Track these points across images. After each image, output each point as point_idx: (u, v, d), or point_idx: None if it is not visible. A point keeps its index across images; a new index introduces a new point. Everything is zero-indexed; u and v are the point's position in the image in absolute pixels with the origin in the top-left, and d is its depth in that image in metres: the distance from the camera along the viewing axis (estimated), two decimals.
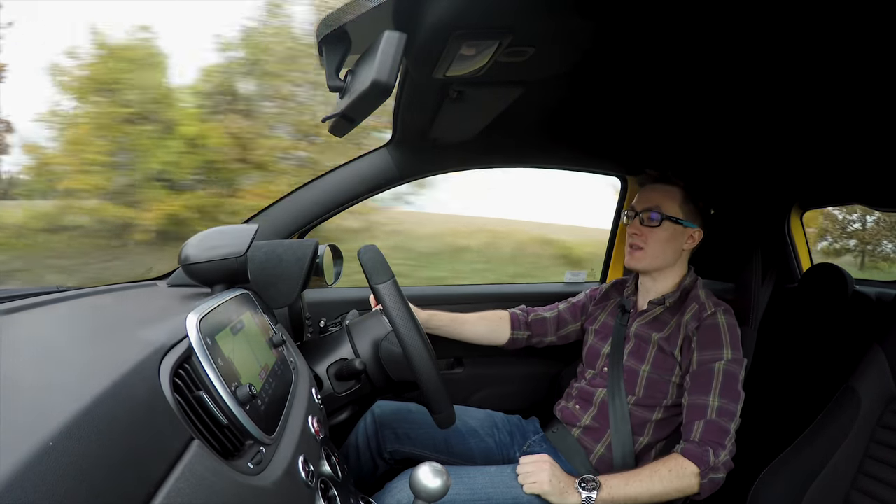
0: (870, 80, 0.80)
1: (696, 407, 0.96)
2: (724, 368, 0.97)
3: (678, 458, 0.92)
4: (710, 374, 0.97)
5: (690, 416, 0.96)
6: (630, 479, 0.91)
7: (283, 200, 1.25)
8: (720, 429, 0.92)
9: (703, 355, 1.00)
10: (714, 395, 0.95)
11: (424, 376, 0.81)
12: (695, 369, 0.99)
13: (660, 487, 0.90)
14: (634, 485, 0.90)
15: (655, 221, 1.08)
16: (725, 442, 0.92)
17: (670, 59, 0.80)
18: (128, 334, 0.53)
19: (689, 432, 0.94)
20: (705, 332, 1.02)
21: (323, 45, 0.61)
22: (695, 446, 0.92)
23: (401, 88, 0.93)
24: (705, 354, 0.99)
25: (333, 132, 0.75)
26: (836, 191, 1.56)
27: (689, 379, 1.00)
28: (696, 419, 0.94)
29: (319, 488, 0.59)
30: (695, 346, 1.01)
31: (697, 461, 0.90)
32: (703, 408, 0.95)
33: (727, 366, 0.97)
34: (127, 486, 0.32)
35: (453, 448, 1.14)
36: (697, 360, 1.00)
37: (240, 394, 0.51)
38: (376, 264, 0.83)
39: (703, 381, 0.97)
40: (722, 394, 0.95)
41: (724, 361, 0.97)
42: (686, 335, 1.04)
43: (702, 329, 1.02)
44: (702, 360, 0.99)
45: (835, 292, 1.44)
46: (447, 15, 0.59)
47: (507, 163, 1.49)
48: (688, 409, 0.97)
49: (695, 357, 1.00)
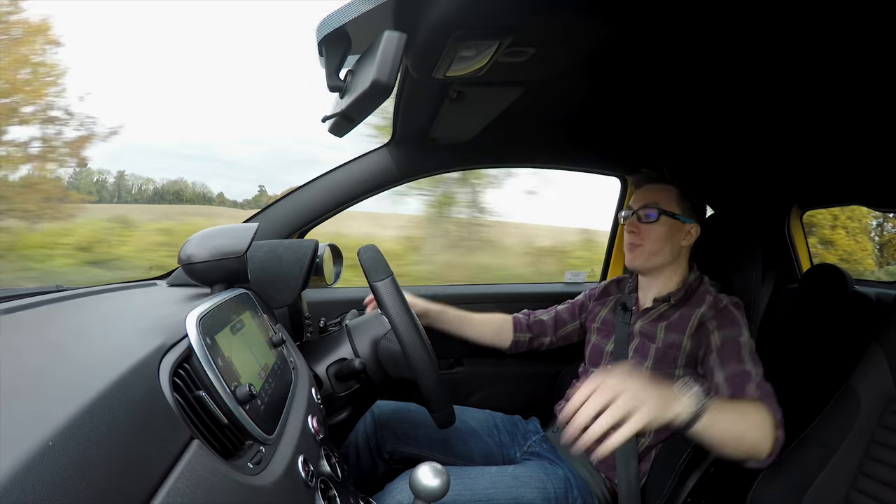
0: (870, 80, 0.80)
1: (738, 375, 0.92)
2: (748, 343, 0.95)
3: (758, 403, 0.84)
4: (738, 346, 0.95)
5: (739, 384, 0.90)
6: (737, 407, 0.81)
7: (283, 200, 1.25)
8: (768, 390, 0.89)
9: (724, 332, 0.97)
10: (748, 363, 0.92)
11: (423, 375, 0.81)
12: (719, 346, 0.97)
13: (754, 425, 0.79)
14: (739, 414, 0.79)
15: (653, 218, 1.08)
16: (776, 406, 0.87)
17: (670, 60, 0.80)
18: (127, 334, 0.53)
19: (742, 393, 0.89)
20: (722, 315, 1.00)
21: (323, 45, 0.61)
22: (762, 398, 0.87)
23: (401, 88, 0.93)
24: (727, 332, 0.97)
25: (333, 132, 0.75)
26: (836, 191, 1.56)
27: (715, 357, 0.96)
28: (746, 383, 0.90)
29: (319, 488, 0.59)
30: (713, 327, 0.99)
31: (773, 412, 0.84)
32: (747, 374, 0.91)
33: (749, 342, 0.96)
34: (127, 486, 0.32)
35: (453, 448, 1.14)
36: (721, 338, 0.97)
37: (239, 393, 0.51)
38: (375, 262, 0.83)
39: (733, 354, 0.94)
40: (754, 363, 0.92)
41: (745, 337, 0.96)
42: (702, 322, 1.02)
43: (718, 314, 1.01)
44: (725, 336, 0.97)
45: (835, 292, 1.44)
46: (447, 15, 0.59)
47: (507, 163, 1.49)
48: (728, 381, 0.92)
49: (716, 336, 0.98)
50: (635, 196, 1.14)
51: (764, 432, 0.80)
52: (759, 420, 0.81)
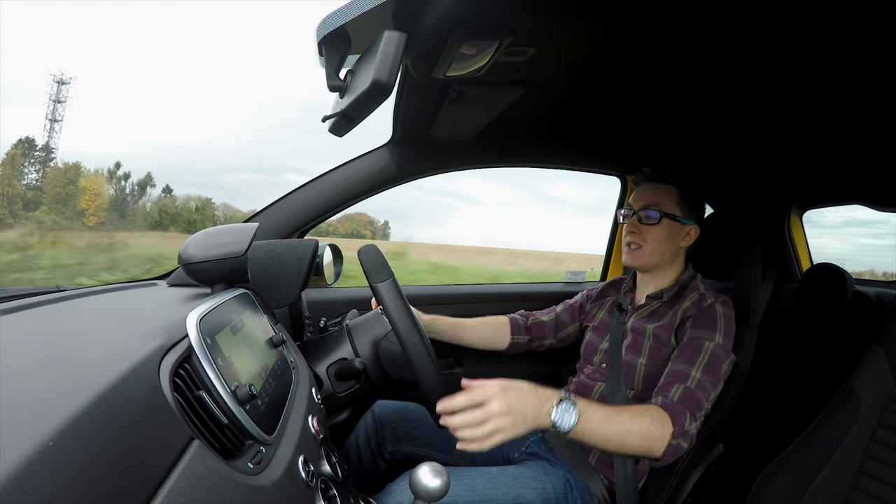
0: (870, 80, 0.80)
1: (678, 372, 0.94)
2: (713, 349, 0.96)
3: (659, 410, 0.86)
4: (698, 348, 0.96)
5: (671, 379, 0.93)
6: (612, 416, 0.81)
7: (283, 200, 1.24)
8: (697, 399, 0.90)
9: (695, 332, 0.99)
10: (698, 368, 0.94)
11: (424, 375, 0.81)
12: (684, 343, 0.99)
13: (635, 435, 0.82)
14: (614, 424, 0.81)
15: (654, 219, 1.08)
16: (699, 414, 0.89)
17: (671, 59, 0.80)
18: (128, 334, 0.53)
19: (667, 392, 0.91)
20: (702, 314, 1.02)
21: (323, 45, 0.61)
22: (674, 404, 0.88)
23: (401, 88, 0.93)
24: (698, 332, 0.99)
25: (333, 132, 0.74)
26: (836, 190, 1.56)
27: (676, 350, 0.99)
28: (677, 382, 0.92)
29: (319, 488, 0.59)
30: (689, 325, 1.01)
31: (675, 420, 0.86)
32: (685, 375, 0.93)
33: (716, 348, 0.96)
34: (127, 486, 0.32)
35: (454, 448, 1.14)
36: (689, 336, 0.99)
37: (240, 393, 0.51)
38: (376, 263, 0.83)
39: (689, 353, 0.96)
40: (705, 371, 0.93)
41: (714, 343, 0.97)
42: (682, 319, 1.04)
43: (699, 313, 1.02)
44: (693, 336, 0.99)
45: (835, 292, 1.44)
46: (447, 15, 0.59)
47: (508, 162, 1.49)
48: (669, 373, 0.95)
49: (688, 333, 1.00)
50: (635, 195, 1.14)
51: (650, 442, 0.83)
52: (646, 431, 0.83)
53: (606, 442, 0.81)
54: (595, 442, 0.81)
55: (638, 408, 0.87)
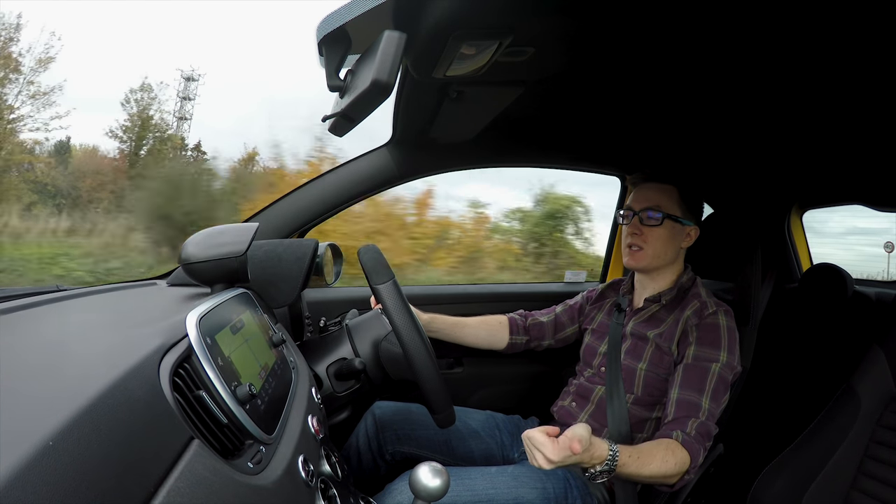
0: (869, 80, 0.80)
1: (690, 404, 0.95)
2: (719, 372, 0.97)
3: (681, 450, 0.89)
4: (705, 373, 0.97)
5: (686, 412, 0.95)
6: (642, 469, 0.86)
7: (283, 200, 1.24)
8: (708, 432, 0.93)
9: (700, 351, 1.00)
10: (707, 396, 0.95)
11: (424, 376, 0.81)
12: (689, 363, 0.99)
13: (660, 476, 0.87)
14: (645, 471, 0.86)
15: (656, 220, 1.08)
16: (708, 445, 0.93)
17: (671, 59, 0.80)
18: (127, 334, 0.53)
19: (684, 426, 0.93)
20: (705, 329, 1.02)
21: (323, 45, 0.61)
22: (692, 441, 0.91)
23: (401, 88, 0.93)
24: (703, 351, 0.99)
25: (333, 131, 0.75)
26: (836, 191, 1.56)
27: (681, 370, 0.99)
28: (692, 416, 0.94)
29: (319, 488, 0.59)
30: (693, 340, 1.01)
31: (693, 457, 0.90)
32: (697, 407, 0.94)
33: (722, 370, 0.98)
34: (127, 486, 0.32)
35: (454, 449, 1.14)
36: (694, 355, 1.00)
37: (240, 393, 0.51)
38: (377, 264, 0.83)
39: (697, 379, 0.97)
40: (713, 397, 0.96)
41: (720, 364, 0.98)
42: (685, 330, 1.04)
43: (702, 326, 1.02)
44: (698, 355, 0.99)
45: (835, 292, 1.44)
46: (447, 15, 0.59)
47: (507, 162, 1.49)
48: (680, 403, 0.96)
49: (692, 350, 1.00)
50: (635, 196, 1.13)
51: (668, 479, 0.89)
52: (669, 471, 0.87)
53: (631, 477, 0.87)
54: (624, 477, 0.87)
55: (664, 451, 0.89)
